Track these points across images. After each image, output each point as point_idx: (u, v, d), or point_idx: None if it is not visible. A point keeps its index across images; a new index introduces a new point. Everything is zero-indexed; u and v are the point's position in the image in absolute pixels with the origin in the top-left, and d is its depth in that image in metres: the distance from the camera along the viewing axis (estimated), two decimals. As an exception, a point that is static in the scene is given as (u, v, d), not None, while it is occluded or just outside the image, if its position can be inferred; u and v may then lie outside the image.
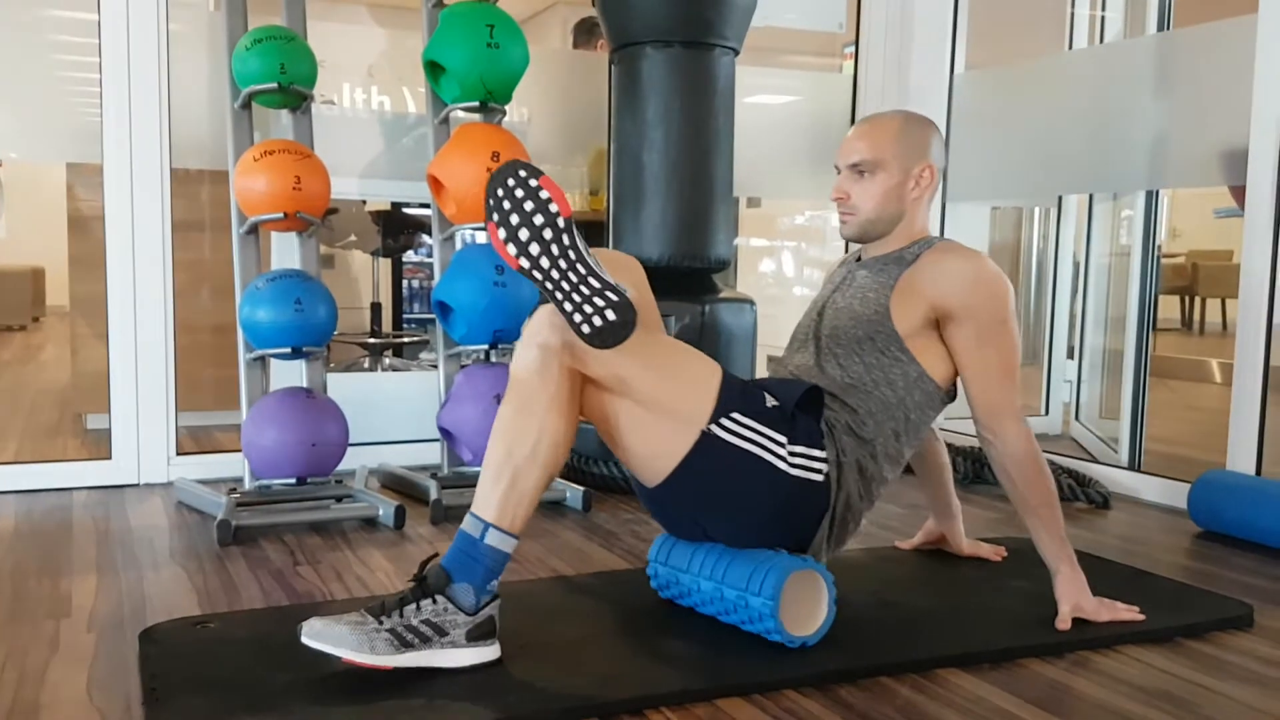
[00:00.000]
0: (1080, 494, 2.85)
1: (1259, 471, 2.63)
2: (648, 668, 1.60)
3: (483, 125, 2.79)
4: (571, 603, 1.91)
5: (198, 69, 2.97)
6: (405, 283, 5.52)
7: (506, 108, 2.88)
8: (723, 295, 3.00)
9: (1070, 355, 4.17)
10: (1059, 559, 1.84)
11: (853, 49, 3.80)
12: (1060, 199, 4.15)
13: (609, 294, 1.51)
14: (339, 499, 2.61)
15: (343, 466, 2.66)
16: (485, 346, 2.75)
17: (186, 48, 2.94)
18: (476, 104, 2.78)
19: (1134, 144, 3.08)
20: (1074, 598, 1.82)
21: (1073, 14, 3.90)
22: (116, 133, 2.83)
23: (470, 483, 2.78)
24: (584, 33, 4.57)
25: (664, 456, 1.68)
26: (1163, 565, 2.27)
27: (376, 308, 4.74)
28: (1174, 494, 2.81)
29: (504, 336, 2.76)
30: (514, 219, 1.50)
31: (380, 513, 2.52)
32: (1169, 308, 8.48)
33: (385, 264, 4.98)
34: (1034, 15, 4.17)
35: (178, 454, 2.94)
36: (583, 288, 1.51)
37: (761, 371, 3.93)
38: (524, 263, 1.50)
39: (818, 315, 1.94)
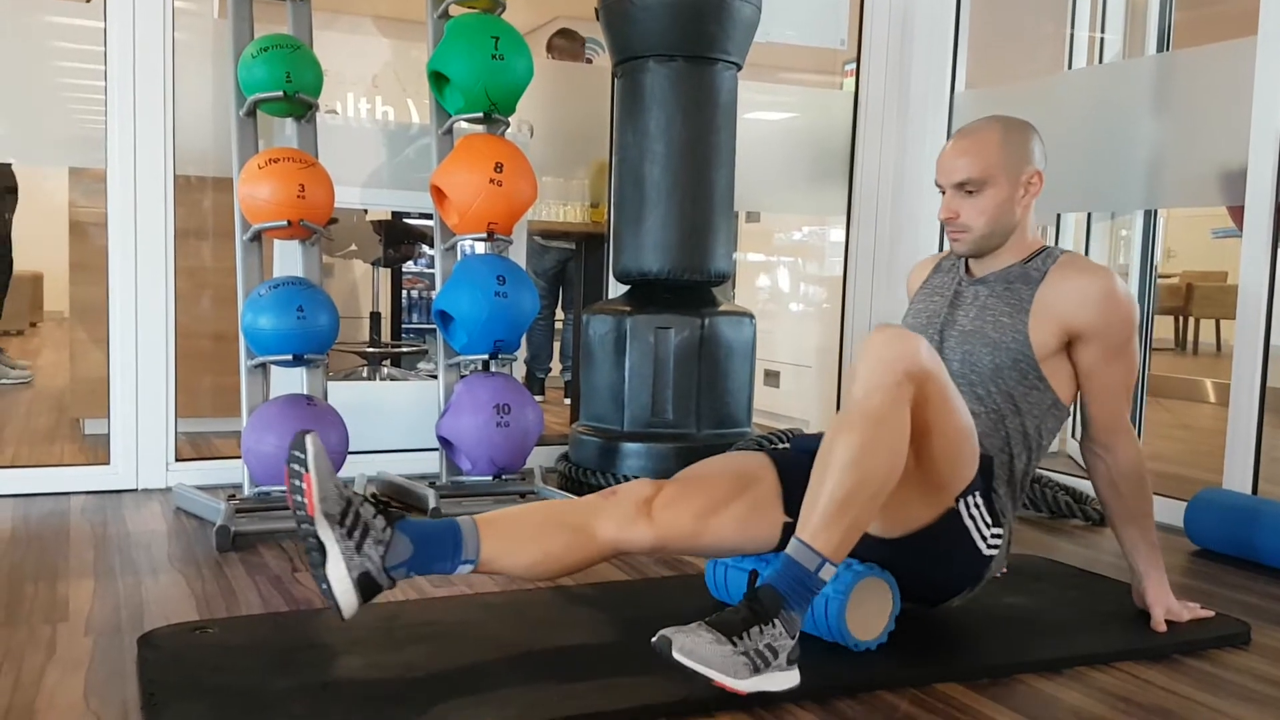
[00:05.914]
0: (1077, 511, 2.86)
1: (1255, 490, 2.63)
2: (646, 678, 1.60)
3: (486, 136, 2.81)
4: (570, 613, 1.92)
5: (203, 76, 2.98)
6: (405, 293, 5.53)
7: (510, 119, 2.89)
8: (722, 309, 3.01)
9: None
10: (1151, 565, 1.93)
11: (854, 66, 3.82)
12: (1059, 217, 4.16)
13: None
14: (337, 507, 2.60)
15: (342, 474, 2.65)
16: (485, 356, 2.76)
17: (192, 55, 2.95)
18: (480, 115, 2.79)
19: (1133, 164, 3.10)
20: (1165, 602, 1.92)
21: (1072, 35, 3.92)
22: (121, 139, 2.84)
23: (469, 492, 2.80)
24: (572, 41, 4.61)
25: (914, 516, 1.70)
26: (1159, 583, 2.27)
27: (376, 317, 4.75)
28: (1170, 512, 2.81)
29: (504, 347, 2.76)
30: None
31: (378, 521, 2.51)
32: (1163, 328, 8.51)
33: (385, 274, 4.99)
34: (1034, 36, 4.19)
35: (176, 460, 2.94)
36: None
37: (759, 385, 3.94)
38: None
39: (939, 336, 1.91)
